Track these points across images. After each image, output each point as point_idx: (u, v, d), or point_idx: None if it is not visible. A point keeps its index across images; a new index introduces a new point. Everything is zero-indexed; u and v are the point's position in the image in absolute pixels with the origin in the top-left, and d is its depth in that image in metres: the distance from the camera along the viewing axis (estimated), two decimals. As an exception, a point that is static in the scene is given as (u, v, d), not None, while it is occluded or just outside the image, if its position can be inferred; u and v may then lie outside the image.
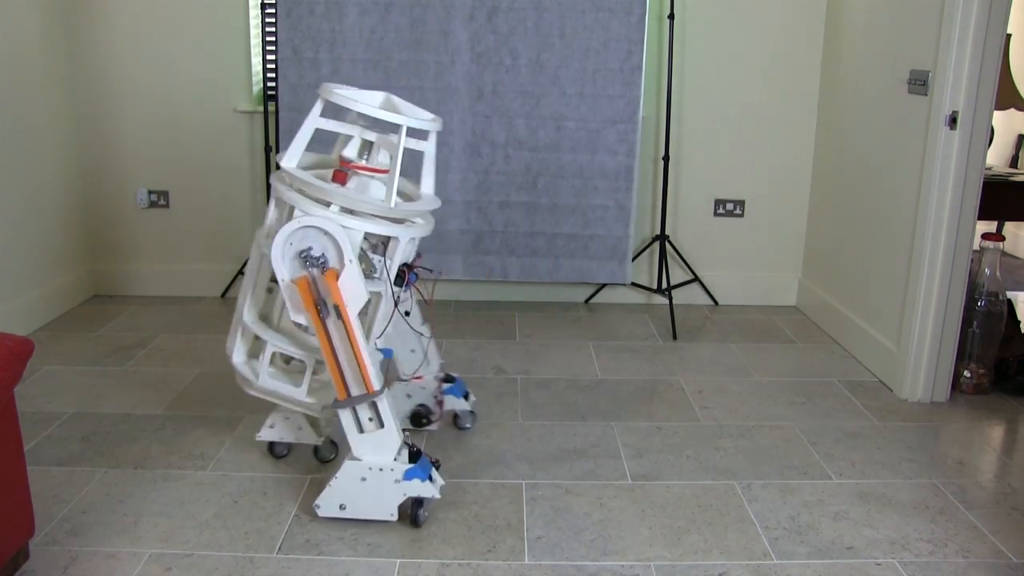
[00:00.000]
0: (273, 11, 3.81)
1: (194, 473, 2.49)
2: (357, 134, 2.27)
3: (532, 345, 3.59)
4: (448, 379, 2.76)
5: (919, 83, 3.01)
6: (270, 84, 3.89)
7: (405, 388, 2.72)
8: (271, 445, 2.60)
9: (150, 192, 4.07)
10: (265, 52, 3.93)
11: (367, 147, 2.30)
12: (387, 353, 2.53)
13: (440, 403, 2.72)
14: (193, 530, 2.20)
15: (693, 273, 4.12)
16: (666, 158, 3.89)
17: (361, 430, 2.20)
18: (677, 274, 4.17)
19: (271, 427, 2.51)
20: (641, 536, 2.22)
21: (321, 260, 2.10)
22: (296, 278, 2.12)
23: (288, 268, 2.13)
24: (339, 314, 2.10)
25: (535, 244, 3.90)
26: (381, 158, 2.29)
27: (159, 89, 3.95)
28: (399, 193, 2.45)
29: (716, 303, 4.20)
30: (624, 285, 4.17)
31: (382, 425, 2.19)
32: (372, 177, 2.28)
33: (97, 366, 3.26)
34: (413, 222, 2.29)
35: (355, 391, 2.16)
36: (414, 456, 2.23)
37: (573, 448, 2.69)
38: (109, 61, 3.92)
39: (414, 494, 2.21)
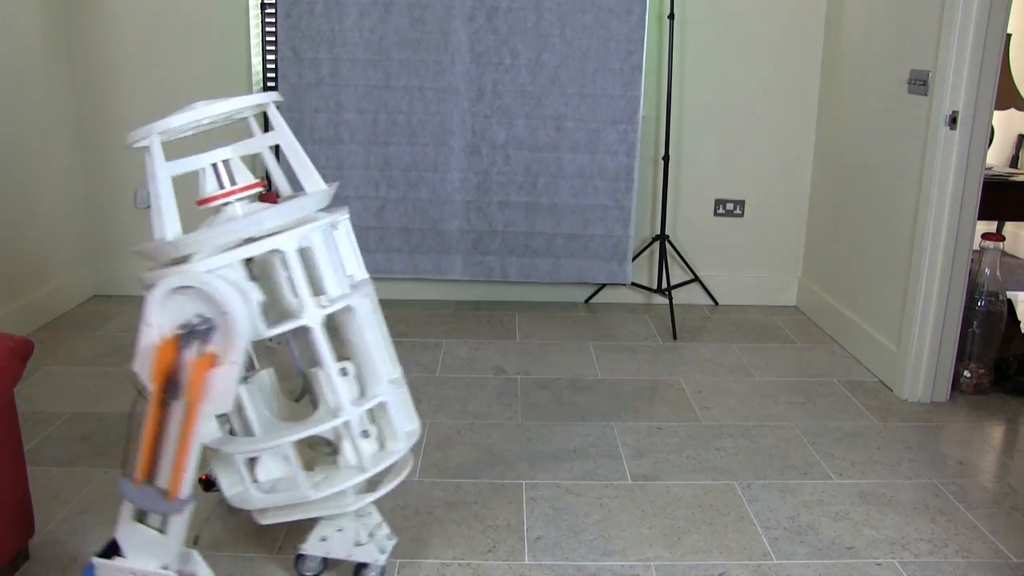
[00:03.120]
0: (273, 11, 3.81)
1: (194, 473, 2.49)
2: (205, 164, 1.84)
3: (532, 345, 3.59)
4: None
5: (919, 83, 3.02)
6: (270, 84, 3.89)
7: None
8: (300, 559, 2.03)
9: (150, 192, 4.07)
10: (265, 52, 3.93)
11: (228, 172, 1.86)
12: None
13: None
14: (193, 530, 2.20)
15: (693, 273, 4.12)
16: (666, 158, 3.89)
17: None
18: (677, 274, 4.17)
19: (322, 540, 1.96)
20: (641, 536, 2.22)
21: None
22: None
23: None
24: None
25: (535, 244, 3.90)
26: (242, 177, 1.86)
27: (159, 89, 3.95)
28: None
29: (716, 303, 4.20)
30: (624, 285, 4.17)
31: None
32: (239, 200, 1.85)
33: (97, 366, 3.26)
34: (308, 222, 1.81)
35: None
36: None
37: (573, 448, 2.69)
38: (109, 61, 3.92)
39: None
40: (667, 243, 4.08)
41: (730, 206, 4.12)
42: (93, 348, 3.45)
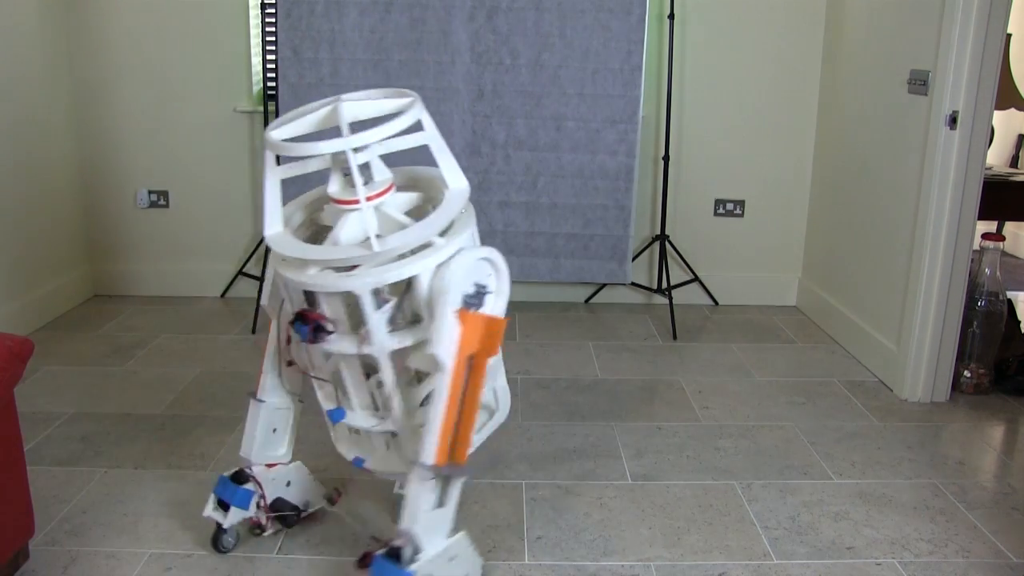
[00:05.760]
0: (273, 11, 3.81)
1: (194, 473, 2.49)
2: (330, 164, 1.88)
3: (532, 345, 3.59)
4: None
5: (919, 83, 3.02)
6: (270, 84, 3.89)
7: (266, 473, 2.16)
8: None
9: (150, 192, 4.07)
10: (265, 52, 3.93)
11: (362, 171, 1.83)
12: (335, 416, 1.95)
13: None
14: (193, 530, 2.20)
15: (693, 273, 4.12)
16: (666, 158, 3.89)
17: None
18: (677, 274, 4.17)
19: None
20: (641, 536, 2.22)
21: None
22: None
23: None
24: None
25: (535, 244, 3.90)
26: (380, 172, 1.88)
27: (159, 89, 3.95)
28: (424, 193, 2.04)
29: (716, 303, 4.20)
30: (624, 285, 4.17)
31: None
32: (350, 209, 1.83)
33: (97, 366, 3.26)
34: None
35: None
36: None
37: (573, 448, 2.69)
38: (109, 61, 3.92)
39: None
40: (667, 243, 4.08)
41: (730, 206, 4.12)
42: (93, 348, 3.45)
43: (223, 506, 2.06)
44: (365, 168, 1.84)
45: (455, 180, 1.92)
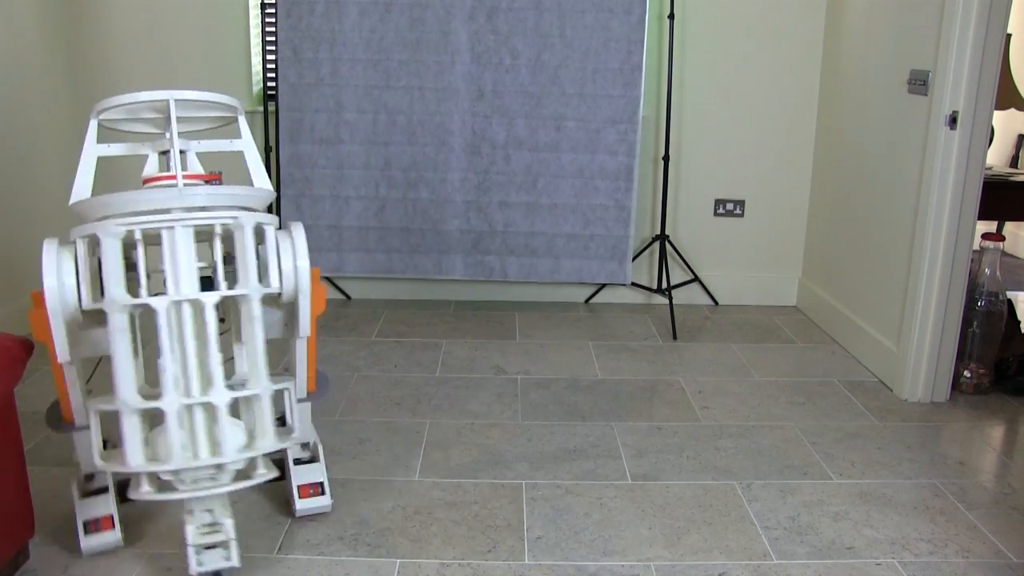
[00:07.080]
0: (273, 11, 3.81)
1: (194, 473, 2.49)
2: (149, 150, 2.13)
3: (532, 345, 3.59)
4: None
5: (919, 83, 3.02)
6: (270, 84, 3.90)
7: None
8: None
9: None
10: (265, 52, 3.93)
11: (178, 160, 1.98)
12: None
13: None
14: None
15: (693, 273, 4.12)
16: (666, 158, 3.89)
17: None
18: (677, 274, 4.17)
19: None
20: (641, 536, 2.22)
21: None
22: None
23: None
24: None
25: (535, 244, 3.90)
26: (194, 166, 2.14)
27: (159, 89, 3.95)
28: None
29: (716, 303, 4.20)
30: (624, 285, 4.17)
31: None
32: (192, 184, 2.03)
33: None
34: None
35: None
36: None
37: (573, 448, 2.69)
38: (109, 61, 3.92)
39: None
40: (667, 243, 4.08)
41: (730, 206, 4.12)
42: (93, 348, 3.44)
43: None
44: (183, 157, 2.07)
45: (262, 182, 2.13)
